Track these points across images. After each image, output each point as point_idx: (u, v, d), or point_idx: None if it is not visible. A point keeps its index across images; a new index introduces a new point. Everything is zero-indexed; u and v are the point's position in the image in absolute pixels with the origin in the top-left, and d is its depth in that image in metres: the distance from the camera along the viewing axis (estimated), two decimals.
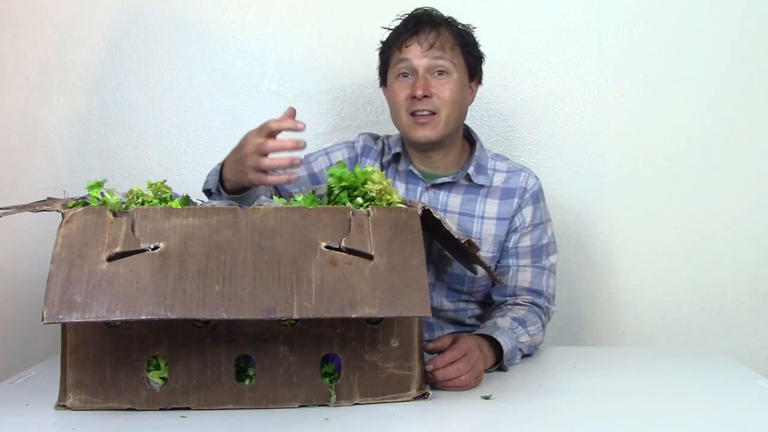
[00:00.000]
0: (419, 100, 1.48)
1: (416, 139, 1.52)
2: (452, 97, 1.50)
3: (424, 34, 1.50)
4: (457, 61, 1.51)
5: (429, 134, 1.50)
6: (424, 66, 1.49)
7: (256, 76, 1.97)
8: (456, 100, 1.51)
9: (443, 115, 1.49)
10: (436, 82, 1.49)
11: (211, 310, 1.00)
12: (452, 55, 1.51)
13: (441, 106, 1.49)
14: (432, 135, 1.50)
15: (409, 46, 1.50)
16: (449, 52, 1.50)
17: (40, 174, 1.97)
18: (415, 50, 1.49)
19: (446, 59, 1.49)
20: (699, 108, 1.95)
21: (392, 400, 1.15)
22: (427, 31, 1.50)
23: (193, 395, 1.10)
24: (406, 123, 1.52)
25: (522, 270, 1.57)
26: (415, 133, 1.51)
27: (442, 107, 1.49)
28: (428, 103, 1.48)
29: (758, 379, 1.34)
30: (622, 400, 1.22)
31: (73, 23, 1.95)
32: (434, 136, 1.50)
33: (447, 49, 1.50)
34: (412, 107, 1.50)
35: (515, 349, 1.40)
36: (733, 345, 1.96)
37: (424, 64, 1.49)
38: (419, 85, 1.48)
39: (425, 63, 1.49)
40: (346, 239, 1.09)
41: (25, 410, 1.11)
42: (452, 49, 1.51)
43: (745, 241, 1.96)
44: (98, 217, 1.07)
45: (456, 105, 1.51)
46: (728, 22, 1.94)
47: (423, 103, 1.48)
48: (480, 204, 1.57)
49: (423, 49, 1.49)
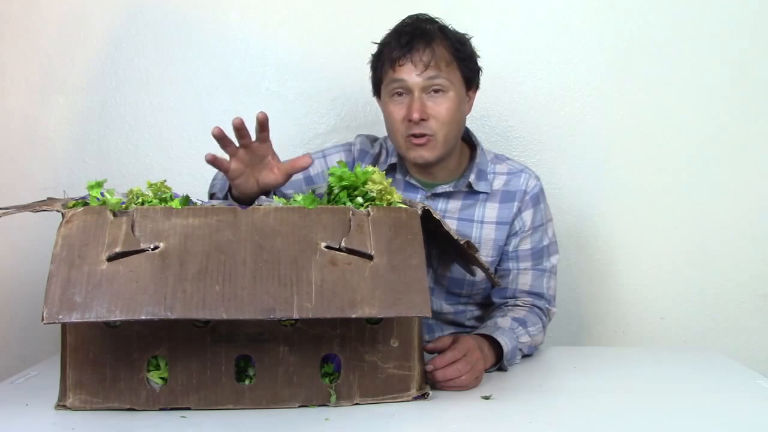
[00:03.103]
0: (416, 123, 1.43)
1: (413, 160, 1.48)
2: (450, 116, 1.45)
3: (417, 53, 1.42)
4: (453, 76, 1.46)
5: (426, 156, 1.46)
6: (420, 86, 1.43)
7: (256, 76, 1.97)
8: (454, 119, 1.46)
9: (440, 136, 1.45)
10: (432, 102, 1.44)
11: (211, 310, 1.00)
12: (448, 71, 1.44)
13: (438, 129, 1.44)
14: (429, 156, 1.46)
15: (402, 66, 1.43)
16: (445, 69, 1.44)
17: (40, 174, 1.97)
18: (408, 70, 1.43)
19: (442, 77, 1.43)
20: (699, 108, 1.95)
21: (392, 400, 1.15)
22: (421, 49, 1.43)
23: (193, 395, 1.10)
24: (403, 145, 1.47)
25: (522, 273, 1.56)
26: (413, 154, 1.47)
27: (440, 129, 1.44)
28: (425, 126, 1.43)
29: (758, 379, 1.34)
30: (622, 400, 1.22)
31: (73, 23, 1.95)
32: (432, 157, 1.47)
33: (442, 67, 1.43)
34: (408, 130, 1.45)
35: (515, 350, 1.40)
36: (733, 345, 1.96)
37: (419, 84, 1.43)
38: (415, 108, 1.42)
39: (420, 83, 1.43)
40: (346, 239, 1.09)
41: (25, 410, 1.11)
42: (448, 66, 1.44)
43: (745, 241, 1.96)
44: (98, 217, 1.07)
45: (454, 123, 1.46)
46: (728, 22, 1.94)
47: (419, 127, 1.43)
48: (479, 208, 1.56)
49: (418, 69, 1.42)
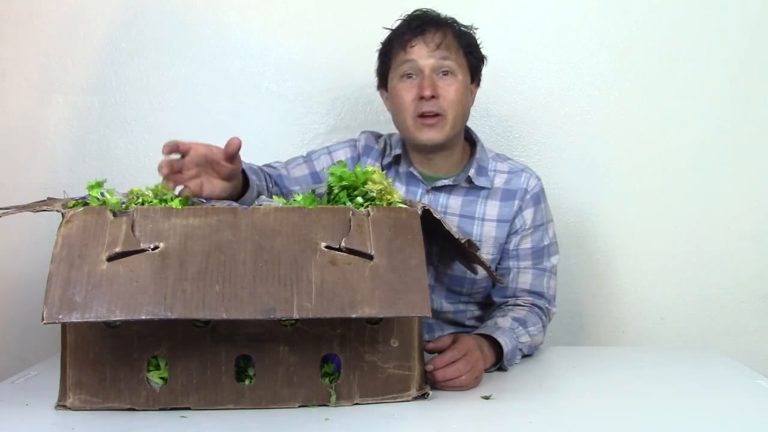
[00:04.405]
0: (427, 100, 1.46)
1: (422, 141, 1.50)
2: (458, 98, 1.49)
3: (429, 34, 1.48)
4: (461, 62, 1.51)
5: (435, 136, 1.49)
6: (431, 66, 1.48)
7: (256, 76, 1.97)
8: (461, 102, 1.50)
9: (450, 116, 1.48)
10: (442, 82, 1.48)
11: (211, 310, 1.00)
12: (457, 56, 1.50)
13: (447, 108, 1.48)
14: (438, 137, 1.49)
15: (414, 47, 1.48)
16: (454, 53, 1.49)
17: (40, 174, 1.97)
18: (420, 50, 1.48)
19: (452, 59, 1.49)
20: (699, 108, 1.95)
21: (392, 400, 1.15)
22: (432, 31, 1.49)
23: (193, 395, 1.10)
24: (412, 125, 1.50)
25: (523, 272, 1.56)
26: (421, 135, 1.49)
27: (449, 108, 1.48)
28: (435, 104, 1.47)
29: (758, 379, 1.34)
30: (622, 400, 1.22)
31: (73, 23, 1.95)
32: (440, 138, 1.49)
33: (452, 50, 1.49)
34: (419, 108, 1.48)
35: (515, 349, 1.40)
36: (733, 345, 1.96)
37: (430, 64, 1.48)
38: (427, 85, 1.46)
39: (432, 63, 1.48)
40: (346, 239, 1.09)
41: (25, 410, 1.11)
42: (456, 51, 1.50)
43: (745, 241, 1.96)
44: (98, 217, 1.07)
45: (461, 106, 1.50)
46: (728, 22, 1.94)
47: (430, 104, 1.47)
48: (480, 206, 1.56)
49: (429, 49, 1.47)
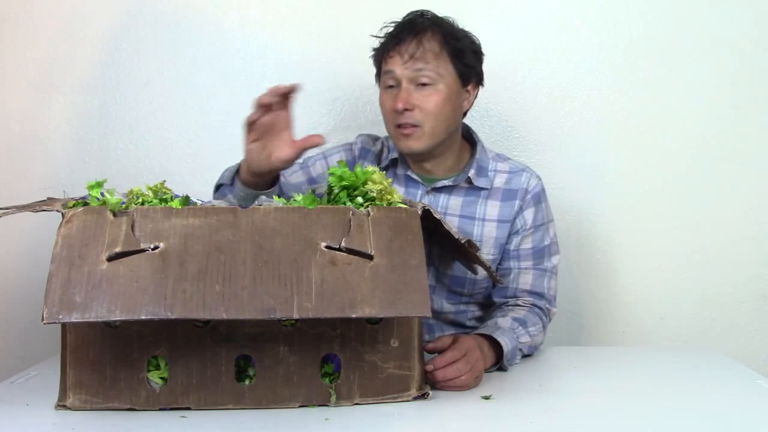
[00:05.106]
0: (400, 113, 1.46)
1: (402, 150, 1.52)
2: (436, 109, 1.46)
3: (404, 45, 1.46)
4: (444, 69, 1.47)
5: (413, 146, 1.48)
6: (407, 77, 1.46)
7: (256, 76, 1.97)
8: (441, 112, 1.47)
9: (427, 127, 1.47)
10: (419, 94, 1.46)
11: (211, 310, 1.00)
12: (437, 64, 1.46)
13: (424, 119, 1.46)
14: (417, 147, 1.48)
15: (392, 57, 1.47)
16: (433, 61, 1.45)
17: (40, 174, 1.97)
18: (396, 62, 1.47)
19: (429, 70, 1.45)
20: (699, 108, 1.95)
21: (392, 400, 1.15)
22: (408, 40, 1.46)
23: (193, 395, 1.10)
24: (394, 135, 1.51)
25: (523, 272, 1.56)
26: (401, 144, 1.50)
27: (426, 120, 1.46)
28: (410, 116, 1.46)
29: (758, 379, 1.34)
30: (622, 400, 1.22)
31: (73, 23, 1.95)
32: (419, 147, 1.48)
33: (430, 59, 1.45)
34: (396, 120, 1.48)
35: (515, 350, 1.40)
36: (733, 345, 1.96)
37: (406, 76, 1.46)
38: (400, 99, 1.45)
39: (408, 74, 1.46)
40: (346, 239, 1.09)
41: (25, 410, 1.11)
42: (437, 58, 1.46)
43: (745, 241, 1.96)
44: (98, 217, 1.07)
45: (442, 117, 1.47)
46: (728, 22, 1.94)
47: (405, 117, 1.46)
48: (481, 206, 1.56)
49: (404, 60, 1.45)
